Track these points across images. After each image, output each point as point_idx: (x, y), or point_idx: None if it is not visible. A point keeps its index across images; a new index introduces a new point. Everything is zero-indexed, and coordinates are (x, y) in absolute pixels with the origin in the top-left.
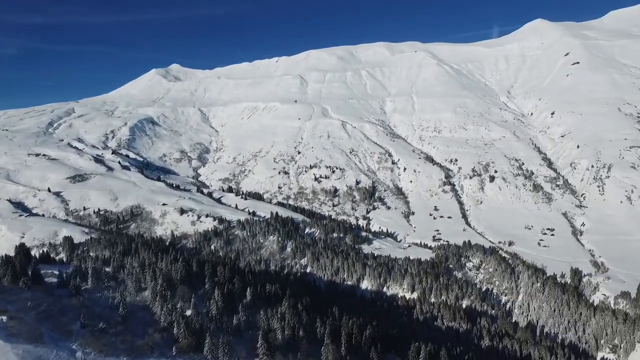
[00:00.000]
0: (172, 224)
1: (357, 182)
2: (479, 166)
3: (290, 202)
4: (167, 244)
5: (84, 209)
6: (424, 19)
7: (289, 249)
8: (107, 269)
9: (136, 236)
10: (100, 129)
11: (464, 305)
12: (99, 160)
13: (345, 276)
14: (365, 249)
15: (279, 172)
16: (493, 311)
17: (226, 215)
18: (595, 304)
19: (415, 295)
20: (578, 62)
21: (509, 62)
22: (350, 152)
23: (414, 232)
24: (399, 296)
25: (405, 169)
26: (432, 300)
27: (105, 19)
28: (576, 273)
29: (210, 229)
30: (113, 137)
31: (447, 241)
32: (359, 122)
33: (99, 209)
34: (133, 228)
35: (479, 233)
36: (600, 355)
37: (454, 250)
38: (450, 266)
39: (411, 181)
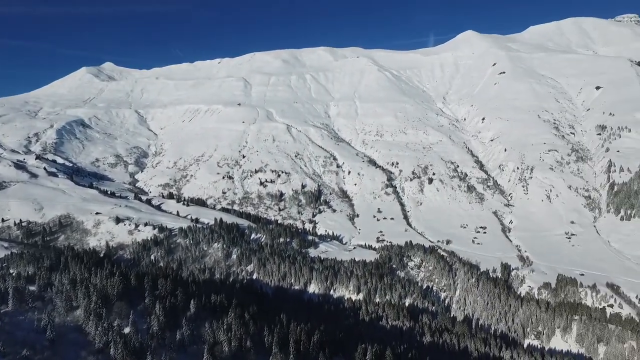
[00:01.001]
0: (107, 234)
1: (303, 186)
2: (419, 169)
3: (235, 207)
4: (102, 255)
5: (3, 220)
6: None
7: (234, 256)
8: (32, 288)
9: (65, 249)
10: (22, 131)
11: (406, 304)
12: (20, 166)
13: (292, 281)
14: (312, 252)
15: (223, 177)
16: (433, 307)
17: (167, 222)
18: (522, 296)
19: (361, 296)
20: (504, 72)
21: (444, 70)
22: (296, 156)
23: (359, 234)
24: (346, 298)
25: (349, 172)
26: (377, 300)
27: (26, 9)
28: (506, 267)
29: (149, 238)
30: (37, 141)
31: (390, 242)
32: (304, 126)
33: (20, 220)
34: (62, 240)
35: (419, 233)
36: (526, 342)
37: (397, 250)
38: (394, 266)
39: (355, 184)
